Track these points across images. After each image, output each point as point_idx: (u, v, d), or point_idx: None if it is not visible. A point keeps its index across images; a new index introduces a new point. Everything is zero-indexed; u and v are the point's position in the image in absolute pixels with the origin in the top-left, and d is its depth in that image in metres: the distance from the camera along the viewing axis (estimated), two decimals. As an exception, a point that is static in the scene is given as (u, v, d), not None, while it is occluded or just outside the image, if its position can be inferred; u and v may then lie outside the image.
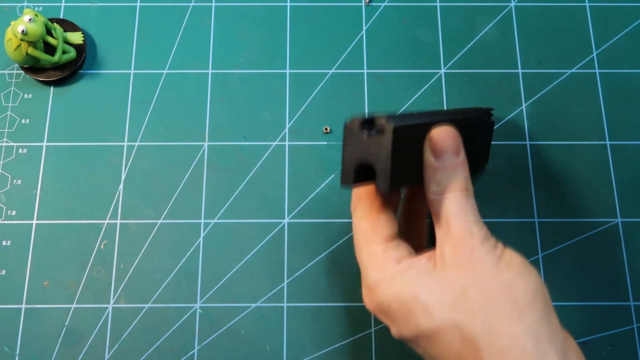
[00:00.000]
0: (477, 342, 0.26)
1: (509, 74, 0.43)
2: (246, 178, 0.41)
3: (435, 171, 0.30)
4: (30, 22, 0.39)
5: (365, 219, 0.31)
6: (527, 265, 0.28)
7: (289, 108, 0.42)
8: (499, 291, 0.27)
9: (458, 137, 0.30)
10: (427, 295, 0.27)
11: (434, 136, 0.30)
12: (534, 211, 0.40)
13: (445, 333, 0.27)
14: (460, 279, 0.27)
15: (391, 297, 0.28)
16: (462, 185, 0.29)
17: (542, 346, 0.26)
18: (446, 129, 0.30)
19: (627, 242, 0.39)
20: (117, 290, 0.38)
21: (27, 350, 0.37)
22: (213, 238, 0.39)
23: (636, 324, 0.38)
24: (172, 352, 0.37)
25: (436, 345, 0.27)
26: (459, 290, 0.27)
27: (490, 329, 0.26)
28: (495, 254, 0.28)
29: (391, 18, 0.45)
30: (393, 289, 0.29)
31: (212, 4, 0.45)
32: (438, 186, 0.29)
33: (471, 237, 0.28)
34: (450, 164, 0.30)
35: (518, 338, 0.26)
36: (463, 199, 0.29)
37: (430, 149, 0.30)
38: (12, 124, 0.42)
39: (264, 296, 0.38)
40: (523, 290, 0.27)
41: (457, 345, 0.27)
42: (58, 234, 0.39)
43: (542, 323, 0.27)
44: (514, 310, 0.26)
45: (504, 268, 0.27)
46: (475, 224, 0.28)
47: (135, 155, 0.41)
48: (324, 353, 0.37)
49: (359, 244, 0.31)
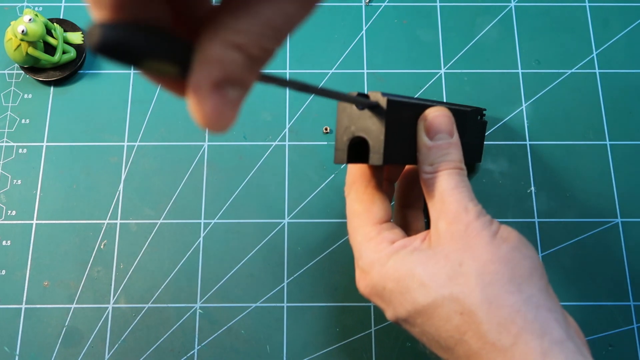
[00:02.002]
0: (476, 314, 0.26)
1: (509, 74, 0.43)
2: (246, 178, 0.41)
3: (429, 150, 0.30)
4: (31, 22, 0.39)
5: (359, 201, 0.31)
6: (524, 239, 0.28)
7: (289, 108, 0.42)
8: (496, 264, 0.27)
9: (452, 118, 0.30)
10: (422, 270, 0.27)
11: (429, 116, 0.30)
12: (534, 211, 0.40)
13: (442, 307, 0.26)
14: (457, 253, 0.27)
15: (386, 277, 0.28)
16: (456, 164, 0.29)
17: (543, 316, 0.26)
18: (440, 109, 0.30)
19: (627, 242, 0.39)
20: (117, 290, 0.38)
21: (27, 350, 0.37)
22: (213, 238, 0.39)
23: (636, 324, 0.38)
24: (172, 352, 0.37)
25: (434, 321, 0.27)
26: (455, 263, 0.27)
27: (490, 301, 0.26)
28: (491, 229, 0.28)
29: (391, 18, 0.45)
30: (388, 268, 0.28)
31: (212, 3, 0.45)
32: (432, 165, 0.29)
33: (466, 213, 0.28)
34: (444, 144, 0.30)
35: (519, 308, 0.26)
36: (457, 176, 0.29)
37: (424, 128, 0.30)
38: (12, 124, 0.42)
39: (264, 296, 0.38)
40: (521, 263, 0.27)
41: (456, 319, 0.26)
42: (58, 234, 0.39)
43: (541, 294, 0.26)
44: (513, 281, 0.26)
45: (500, 242, 0.27)
46: (469, 200, 0.28)
47: (136, 155, 0.41)
48: (324, 353, 0.37)
49: (353, 226, 0.31)
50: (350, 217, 0.31)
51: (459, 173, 0.29)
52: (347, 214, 0.31)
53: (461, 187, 0.29)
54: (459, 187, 0.29)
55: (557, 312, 0.26)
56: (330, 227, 0.40)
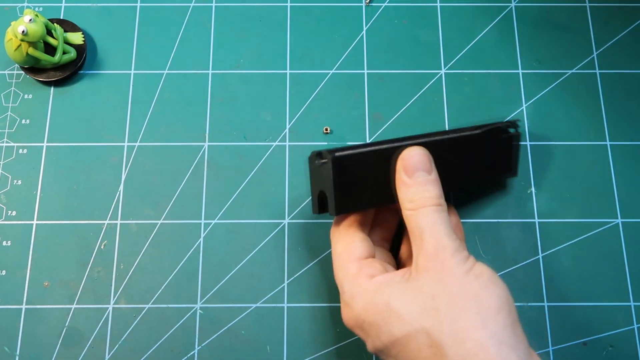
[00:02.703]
0: (443, 347, 0.27)
1: (509, 74, 0.43)
2: (246, 178, 0.41)
3: (408, 188, 0.31)
4: (31, 22, 0.39)
5: (340, 242, 0.33)
6: (496, 277, 0.30)
7: (289, 108, 0.42)
8: (465, 299, 0.28)
9: (428, 157, 0.32)
10: (399, 303, 0.29)
11: (405, 156, 0.32)
12: (534, 211, 0.40)
13: (415, 339, 0.28)
14: (431, 288, 0.29)
15: (367, 310, 0.30)
16: (435, 200, 0.31)
17: (505, 352, 0.27)
18: (416, 149, 0.32)
19: (627, 242, 0.39)
20: (118, 291, 0.38)
21: (27, 351, 0.37)
22: (213, 238, 0.39)
23: (636, 324, 0.38)
24: (173, 352, 0.37)
25: (407, 352, 0.29)
26: (429, 298, 0.29)
27: (456, 334, 0.27)
28: (465, 265, 0.29)
29: (391, 18, 0.45)
30: (368, 302, 0.30)
31: (212, 4, 0.45)
32: (412, 202, 0.31)
33: (443, 250, 0.29)
34: (422, 181, 0.32)
35: (481, 343, 0.27)
36: (436, 214, 0.31)
37: (402, 168, 0.32)
38: (13, 124, 0.42)
39: (264, 296, 0.38)
40: (489, 300, 0.28)
41: (426, 350, 0.28)
42: (58, 234, 0.39)
43: (505, 331, 0.28)
44: (479, 317, 0.28)
45: (472, 279, 0.29)
46: (447, 237, 0.30)
47: (136, 156, 0.41)
48: (324, 353, 0.37)
49: (336, 265, 0.33)
50: (334, 257, 0.34)
51: (438, 210, 0.31)
52: (332, 254, 0.34)
53: (439, 224, 0.30)
54: (437, 225, 0.30)
55: (519, 350, 0.27)
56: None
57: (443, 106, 0.42)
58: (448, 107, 0.42)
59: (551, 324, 0.38)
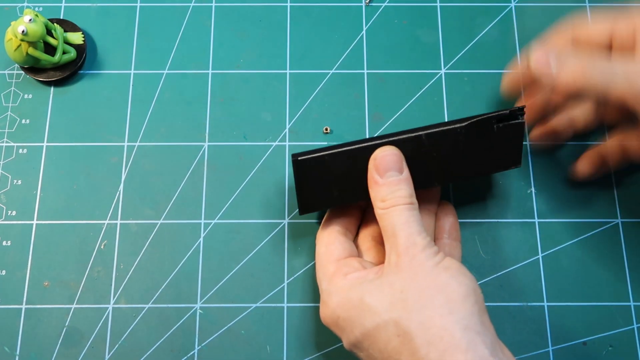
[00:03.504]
0: (411, 335, 0.28)
1: (509, 74, 0.43)
2: (246, 178, 0.41)
3: (380, 187, 0.32)
4: (31, 22, 0.39)
5: (322, 245, 0.35)
6: (463, 269, 0.31)
7: (289, 108, 0.42)
8: (433, 290, 0.29)
9: (400, 156, 0.33)
10: (370, 298, 0.30)
11: (378, 156, 0.33)
12: (534, 211, 0.40)
13: (385, 330, 0.29)
14: (400, 282, 0.30)
15: (341, 306, 0.31)
16: (406, 200, 0.32)
17: (470, 336, 0.28)
18: (388, 149, 0.33)
19: (627, 242, 0.39)
20: (117, 291, 0.38)
21: (27, 351, 0.37)
22: (213, 238, 0.39)
23: (636, 324, 0.38)
24: (172, 352, 0.37)
25: (378, 344, 0.30)
26: (398, 291, 0.30)
27: (423, 322, 0.28)
28: (434, 259, 0.30)
29: (391, 18, 0.45)
30: (342, 298, 0.31)
31: (212, 4, 0.45)
32: (384, 202, 0.32)
33: (414, 246, 0.30)
34: (394, 180, 0.32)
35: (448, 327, 0.28)
36: (407, 212, 0.32)
37: (374, 167, 0.33)
38: (12, 124, 0.42)
39: (264, 296, 0.38)
40: (456, 290, 0.29)
41: (395, 340, 0.29)
42: (58, 234, 0.39)
43: (472, 318, 0.29)
44: (446, 306, 0.29)
45: (440, 271, 0.30)
46: (418, 235, 0.31)
47: (136, 156, 0.41)
48: (324, 353, 0.37)
49: (317, 267, 0.35)
50: (316, 259, 0.35)
51: (409, 208, 0.32)
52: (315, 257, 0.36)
53: (411, 221, 0.31)
54: (408, 222, 0.31)
55: (485, 336, 0.28)
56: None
57: (443, 106, 0.42)
58: (448, 107, 0.42)
59: (551, 324, 0.38)
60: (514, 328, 0.38)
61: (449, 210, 0.38)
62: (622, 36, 0.34)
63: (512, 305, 0.38)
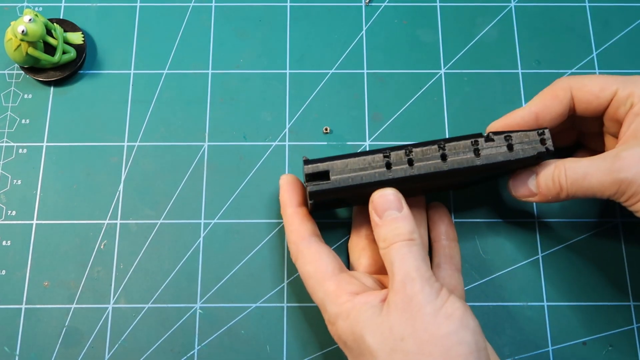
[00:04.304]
0: None
1: (509, 74, 0.43)
2: (246, 178, 0.41)
3: (380, 228, 0.32)
4: (30, 22, 0.39)
5: (307, 263, 0.34)
6: (467, 318, 0.29)
7: (289, 108, 0.42)
8: (431, 346, 0.28)
9: (397, 196, 0.33)
10: (372, 339, 0.29)
11: (374, 199, 0.33)
12: (534, 211, 0.40)
13: None
14: (400, 327, 0.29)
15: (347, 334, 0.31)
16: (405, 236, 0.31)
17: None
18: (386, 191, 0.33)
19: (627, 242, 0.39)
20: (117, 291, 0.38)
21: (27, 351, 0.37)
22: (213, 238, 0.39)
23: (636, 324, 0.38)
24: (172, 352, 0.37)
25: None
26: (398, 338, 0.29)
27: None
28: (436, 303, 0.29)
29: (391, 18, 0.45)
30: (348, 326, 0.31)
31: (212, 4, 0.45)
32: (384, 241, 0.32)
33: (411, 282, 0.30)
34: (392, 219, 0.32)
35: None
36: (405, 248, 0.31)
37: (373, 210, 0.33)
38: (12, 124, 0.42)
39: (264, 296, 0.38)
40: (456, 348, 0.28)
41: None
42: (58, 234, 0.39)
43: None
44: None
45: (442, 320, 0.29)
46: (415, 270, 0.30)
47: (136, 155, 0.41)
48: (324, 353, 0.37)
49: (312, 287, 0.33)
50: (306, 280, 0.34)
51: (408, 244, 0.31)
52: (303, 279, 0.34)
53: (408, 257, 0.31)
54: (405, 258, 0.31)
55: None
56: (330, 227, 0.40)
57: (443, 106, 0.42)
58: (448, 107, 0.42)
59: (551, 324, 0.38)
60: (514, 328, 0.38)
61: (443, 212, 0.38)
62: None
63: (512, 305, 0.38)
